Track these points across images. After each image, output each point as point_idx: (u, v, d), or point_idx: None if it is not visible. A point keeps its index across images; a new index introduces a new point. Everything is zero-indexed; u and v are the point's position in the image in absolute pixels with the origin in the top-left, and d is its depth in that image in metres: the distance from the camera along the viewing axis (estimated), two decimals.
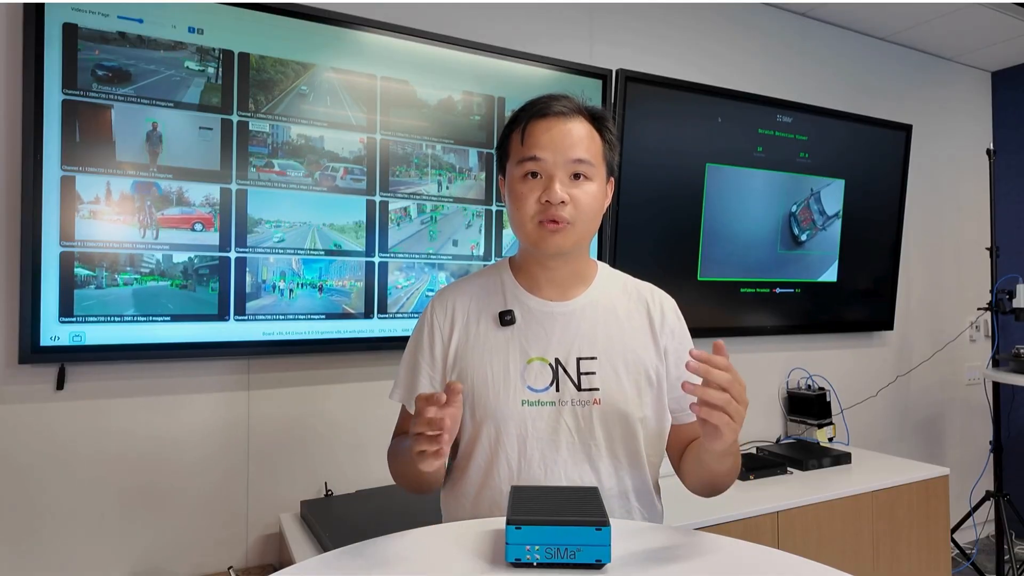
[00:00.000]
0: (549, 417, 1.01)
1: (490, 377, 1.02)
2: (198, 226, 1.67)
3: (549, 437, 1.01)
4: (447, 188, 1.99)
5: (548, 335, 1.04)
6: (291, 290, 1.78)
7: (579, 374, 1.02)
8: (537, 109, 1.01)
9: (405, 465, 1.02)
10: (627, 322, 1.07)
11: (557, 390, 1.02)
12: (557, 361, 1.03)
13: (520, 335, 1.04)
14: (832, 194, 2.78)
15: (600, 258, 2.22)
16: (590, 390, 1.02)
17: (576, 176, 0.99)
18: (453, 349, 1.06)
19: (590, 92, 2.20)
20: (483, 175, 2.04)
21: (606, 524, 0.77)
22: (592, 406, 1.02)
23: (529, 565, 0.77)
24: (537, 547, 0.77)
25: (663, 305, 1.11)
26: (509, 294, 1.08)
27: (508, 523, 0.78)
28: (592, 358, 1.03)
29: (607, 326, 1.06)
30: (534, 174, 0.99)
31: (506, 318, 1.04)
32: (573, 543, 0.77)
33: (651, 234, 2.36)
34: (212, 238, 1.68)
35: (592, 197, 1.00)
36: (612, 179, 1.08)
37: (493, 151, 1.78)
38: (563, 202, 0.97)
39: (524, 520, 0.78)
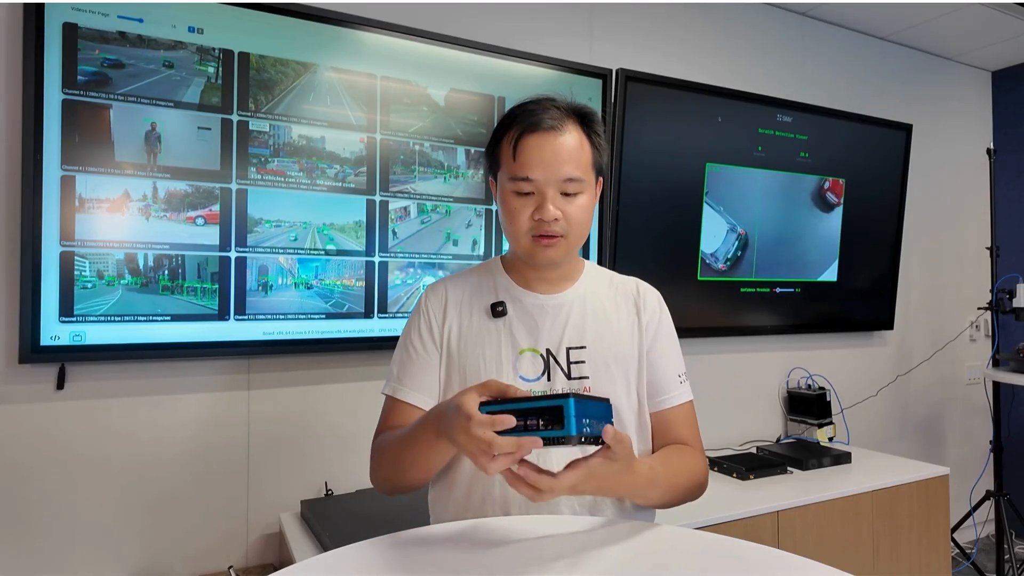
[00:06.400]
0: None
1: (483, 367, 1.04)
2: (199, 223, 1.67)
3: None
4: (447, 188, 1.99)
5: (539, 326, 1.07)
6: (291, 290, 1.78)
7: (569, 363, 1.05)
8: (529, 123, 1.00)
9: (403, 456, 0.98)
10: (615, 316, 1.10)
11: (548, 379, 1.04)
12: (548, 351, 1.05)
13: (511, 326, 1.07)
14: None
15: (600, 258, 2.23)
16: (580, 378, 1.05)
17: (567, 192, 1.01)
18: (447, 337, 1.08)
19: (590, 92, 2.20)
20: (482, 175, 2.04)
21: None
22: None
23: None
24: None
25: (647, 297, 1.14)
26: (501, 288, 1.10)
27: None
28: (581, 347, 1.06)
29: (596, 318, 1.09)
30: (527, 191, 1.01)
31: (498, 309, 1.07)
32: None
33: (651, 234, 2.36)
34: (212, 238, 1.68)
35: (583, 209, 1.03)
36: (600, 179, 1.09)
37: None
38: (556, 219, 1.00)
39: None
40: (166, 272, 1.63)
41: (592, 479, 0.81)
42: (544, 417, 0.76)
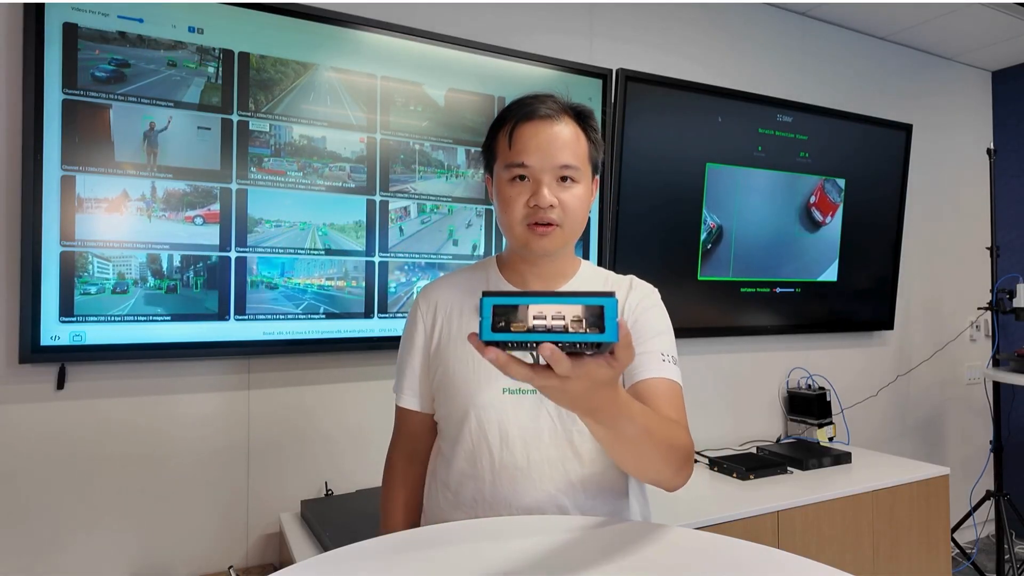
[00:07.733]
0: (531, 405, 1.01)
1: (471, 367, 1.03)
2: (198, 223, 1.67)
3: (531, 424, 1.01)
4: (447, 187, 1.99)
5: None
6: (291, 289, 1.78)
7: None
8: (524, 112, 1.01)
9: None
10: None
11: None
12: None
13: None
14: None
15: (600, 258, 2.23)
16: None
17: (563, 179, 1.00)
18: (436, 341, 1.08)
19: (590, 92, 2.20)
20: (483, 174, 2.04)
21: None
22: None
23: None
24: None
25: (638, 288, 1.10)
26: (492, 286, 1.09)
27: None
28: None
29: None
30: (522, 177, 1.00)
31: None
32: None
33: (651, 234, 2.36)
34: (212, 238, 1.68)
35: (579, 199, 1.02)
36: (596, 177, 1.08)
37: None
38: (551, 206, 0.98)
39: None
40: (184, 275, 1.63)
41: (586, 378, 0.68)
42: (573, 318, 0.63)
